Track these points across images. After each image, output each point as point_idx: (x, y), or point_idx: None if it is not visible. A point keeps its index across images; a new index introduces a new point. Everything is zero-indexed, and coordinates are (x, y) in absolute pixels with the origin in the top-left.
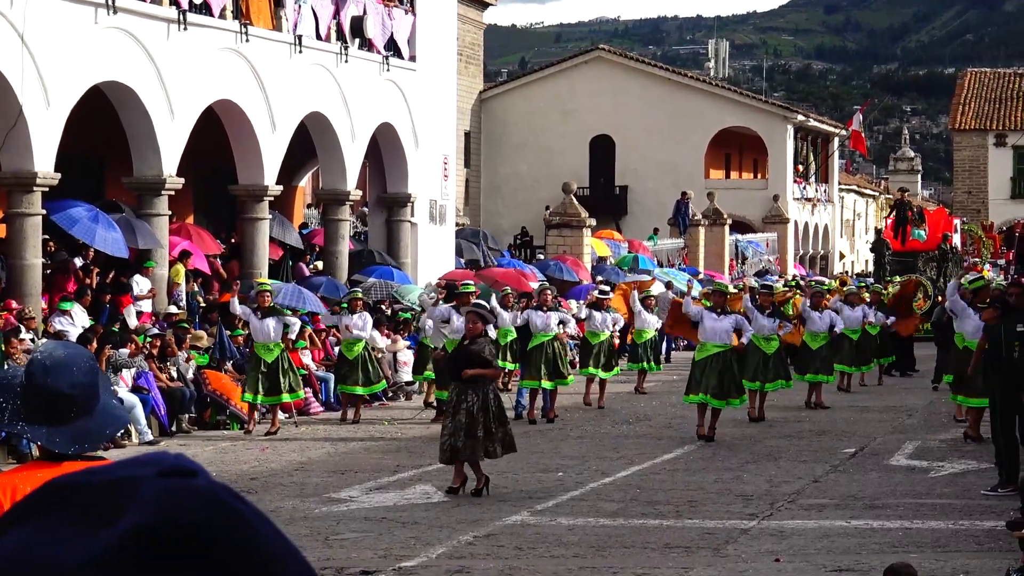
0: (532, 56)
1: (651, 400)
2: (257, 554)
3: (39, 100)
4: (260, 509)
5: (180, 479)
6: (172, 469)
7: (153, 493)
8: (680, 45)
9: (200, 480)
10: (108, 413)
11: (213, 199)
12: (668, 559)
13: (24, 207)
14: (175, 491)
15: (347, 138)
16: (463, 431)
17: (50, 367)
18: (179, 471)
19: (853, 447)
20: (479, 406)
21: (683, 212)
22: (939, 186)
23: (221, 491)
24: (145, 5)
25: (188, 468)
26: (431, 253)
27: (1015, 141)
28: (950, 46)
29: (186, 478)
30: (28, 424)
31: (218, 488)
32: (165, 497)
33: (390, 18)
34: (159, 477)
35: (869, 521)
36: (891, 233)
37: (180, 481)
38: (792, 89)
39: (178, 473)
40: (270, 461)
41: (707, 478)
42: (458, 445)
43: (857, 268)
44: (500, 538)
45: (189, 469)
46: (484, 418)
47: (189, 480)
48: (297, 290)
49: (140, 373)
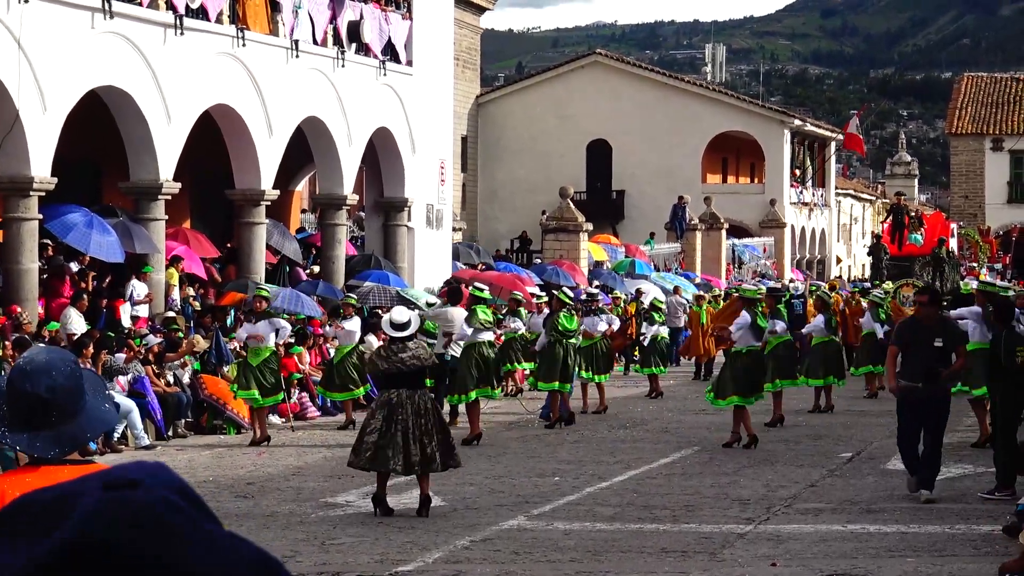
0: (529, 61)
1: (648, 405)
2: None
3: (36, 105)
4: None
5: (119, 491)
6: (115, 481)
7: (88, 507)
8: (677, 50)
9: (140, 492)
10: (93, 416)
11: (210, 204)
12: (665, 564)
13: (21, 212)
14: (109, 506)
15: (344, 143)
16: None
17: (29, 372)
18: (121, 483)
19: (850, 451)
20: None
21: (680, 216)
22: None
23: (159, 503)
24: (142, 10)
25: (131, 480)
26: (428, 257)
27: (1012, 145)
28: (947, 50)
29: (126, 490)
30: (10, 431)
31: (157, 500)
32: (96, 512)
33: (387, 23)
34: (103, 490)
35: (866, 525)
36: (888, 237)
37: (118, 494)
38: (789, 93)
39: (120, 486)
40: (267, 466)
41: (704, 482)
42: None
43: (854, 272)
44: (497, 543)
45: (131, 480)
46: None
47: (128, 492)
48: (295, 295)
49: (137, 378)
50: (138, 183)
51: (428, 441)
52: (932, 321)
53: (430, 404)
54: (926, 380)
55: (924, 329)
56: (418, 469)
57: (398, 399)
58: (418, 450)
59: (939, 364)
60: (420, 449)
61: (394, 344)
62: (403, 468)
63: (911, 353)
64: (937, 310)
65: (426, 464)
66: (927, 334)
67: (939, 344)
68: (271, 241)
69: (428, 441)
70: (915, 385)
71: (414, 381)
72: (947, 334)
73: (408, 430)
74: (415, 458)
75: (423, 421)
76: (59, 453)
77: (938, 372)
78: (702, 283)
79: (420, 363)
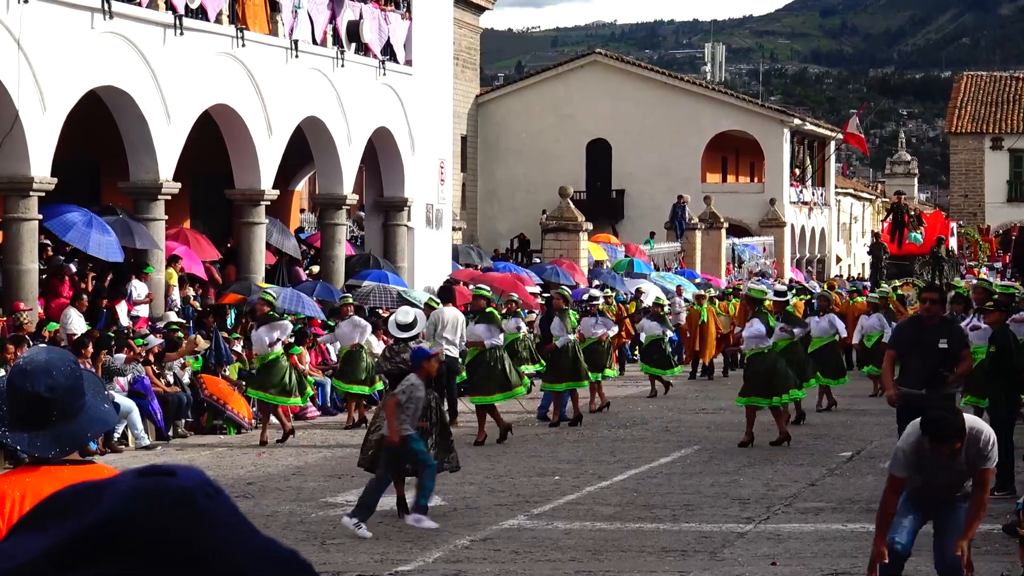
0: (529, 60)
1: (648, 404)
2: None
3: (35, 105)
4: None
5: (155, 478)
6: (150, 469)
7: (124, 489)
8: (676, 49)
9: (176, 479)
10: (92, 416)
11: (209, 203)
12: (664, 563)
13: (20, 212)
14: (144, 488)
15: (343, 142)
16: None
17: (29, 371)
18: (157, 471)
19: (850, 451)
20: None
21: (680, 216)
22: (936, 189)
23: (195, 490)
24: (141, 10)
25: (166, 469)
26: (428, 257)
27: (1011, 144)
28: (946, 49)
29: (162, 477)
30: (11, 430)
31: (193, 486)
32: (131, 494)
33: (386, 22)
34: (137, 477)
35: (866, 524)
36: (888, 236)
37: (152, 479)
38: (788, 93)
39: (155, 473)
40: (267, 465)
41: (704, 482)
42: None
43: (854, 271)
44: (497, 542)
45: (167, 469)
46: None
47: (164, 478)
48: (296, 295)
49: (137, 378)
50: (138, 183)
51: (425, 438)
52: (935, 322)
53: (432, 403)
54: (930, 385)
55: (926, 330)
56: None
57: None
58: None
59: (943, 367)
60: None
61: (397, 344)
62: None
63: (912, 356)
64: (942, 309)
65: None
66: (930, 336)
67: (943, 346)
68: (269, 239)
69: (425, 438)
70: (918, 392)
71: None
72: (952, 335)
73: None
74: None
75: (422, 419)
76: (59, 453)
77: (943, 376)
78: (702, 282)
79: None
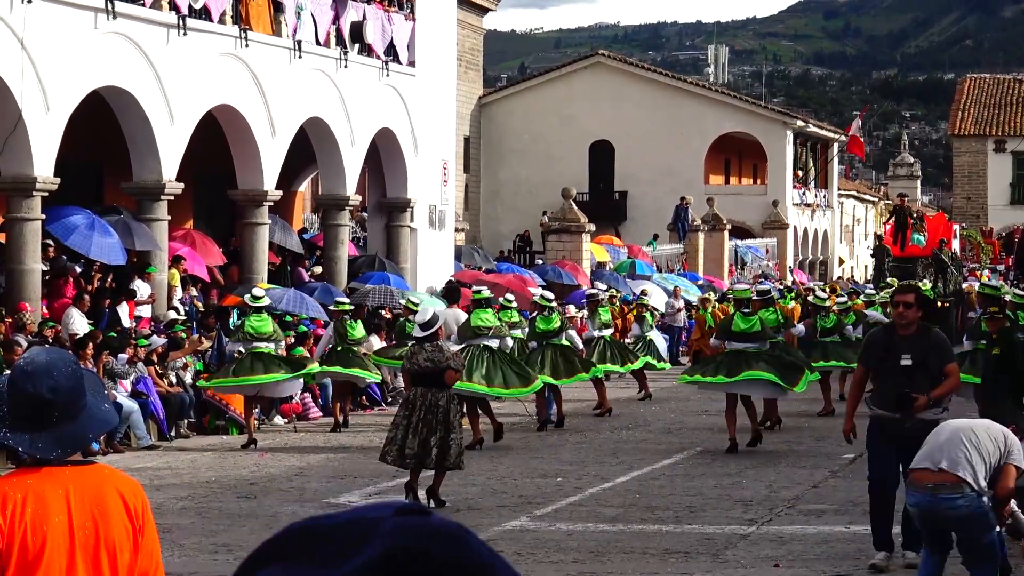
0: (532, 61)
1: (650, 406)
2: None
3: (39, 105)
4: (489, 547)
5: (416, 516)
6: (407, 509)
7: (393, 527)
8: (680, 50)
9: (434, 518)
10: (93, 417)
11: (213, 204)
12: (667, 565)
13: (24, 212)
14: (412, 526)
15: (347, 143)
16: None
17: (31, 373)
18: (414, 511)
19: (852, 453)
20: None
21: (682, 217)
22: (938, 191)
23: (456, 526)
24: (145, 10)
25: (422, 508)
26: (431, 258)
27: (1014, 147)
28: (949, 52)
29: (421, 516)
30: (12, 431)
31: (452, 524)
32: (404, 530)
33: (390, 23)
34: (396, 515)
35: (868, 527)
36: (890, 239)
37: (416, 518)
38: (791, 94)
39: (414, 512)
40: (269, 466)
41: (706, 483)
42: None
43: (857, 274)
44: (499, 543)
45: (423, 509)
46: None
47: (424, 518)
48: (299, 296)
49: (139, 378)
50: (141, 183)
51: (429, 435)
52: (911, 330)
53: (443, 402)
54: (897, 407)
55: (902, 341)
56: (411, 462)
57: (413, 397)
58: (416, 443)
59: (912, 386)
60: (418, 443)
61: (415, 345)
62: (394, 459)
63: (884, 372)
64: (919, 315)
65: (422, 457)
66: (906, 347)
67: (906, 363)
68: (271, 237)
69: (429, 435)
70: (891, 415)
71: (430, 380)
72: (929, 347)
73: (411, 425)
74: (410, 451)
75: (430, 417)
76: (61, 454)
77: (911, 398)
78: (705, 284)
79: (433, 365)
